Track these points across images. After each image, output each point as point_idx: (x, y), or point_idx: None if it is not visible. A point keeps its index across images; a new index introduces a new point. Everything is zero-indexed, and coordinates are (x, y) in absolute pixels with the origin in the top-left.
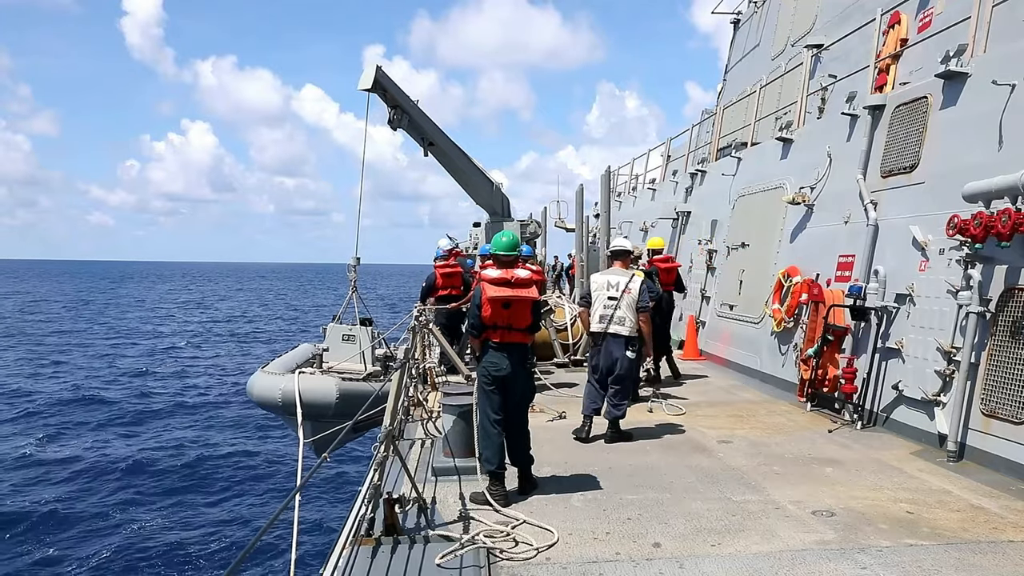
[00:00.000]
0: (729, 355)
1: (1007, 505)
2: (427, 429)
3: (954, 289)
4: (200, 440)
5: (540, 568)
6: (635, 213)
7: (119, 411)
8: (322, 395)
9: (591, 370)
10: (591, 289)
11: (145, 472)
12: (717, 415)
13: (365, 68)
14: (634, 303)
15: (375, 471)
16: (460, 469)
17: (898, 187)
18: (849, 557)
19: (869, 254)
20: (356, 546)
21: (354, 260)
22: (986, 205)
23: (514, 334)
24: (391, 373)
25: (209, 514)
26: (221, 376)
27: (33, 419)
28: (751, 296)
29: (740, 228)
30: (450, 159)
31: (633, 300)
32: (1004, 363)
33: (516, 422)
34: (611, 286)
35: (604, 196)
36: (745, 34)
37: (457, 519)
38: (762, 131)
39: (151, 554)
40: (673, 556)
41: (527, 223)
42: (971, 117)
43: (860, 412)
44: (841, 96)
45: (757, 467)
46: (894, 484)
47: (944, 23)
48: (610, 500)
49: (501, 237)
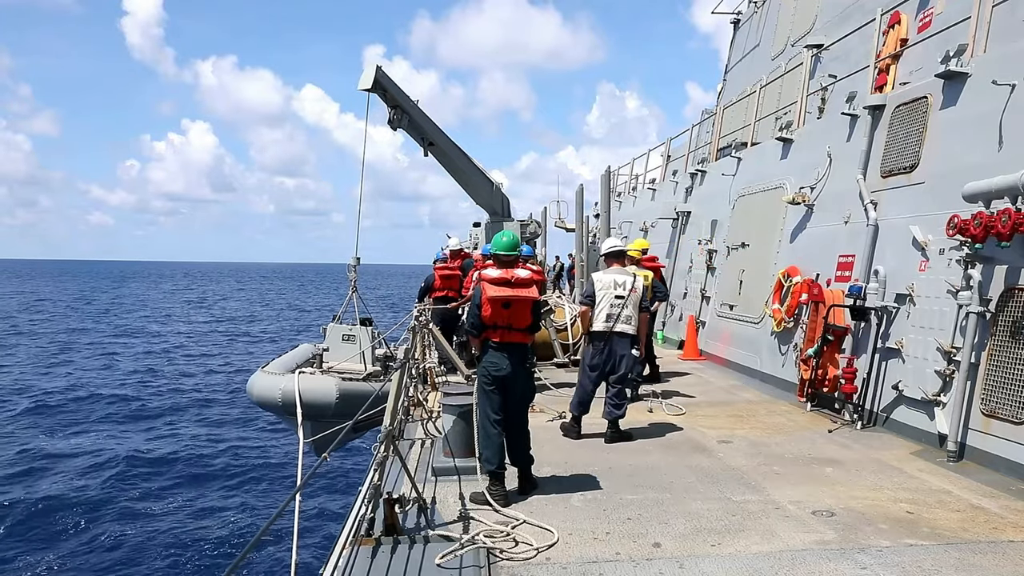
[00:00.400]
0: (729, 355)
1: (1007, 505)
2: (427, 429)
3: (954, 289)
4: (200, 440)
5: (540, 568)
6: (635, 213)
7: (118, 410)
8: (322, 395)
9: (588, 369)
10: (595, 288)
11: (144, 471)
12: (717, 415)
13: (365, 68)
14: (639, 302)
15: (375, 471)
16: (460, 469)
17: (898, 187)
18: (849, 557)
19: (869, 254)
20: (356, 546)
21: (354, 260)
22: (986, 205)
23: (514, 334)
24: (391, 373)
25: (209, 514)
26: (221, 376)
27: (33, 419)
28: (751, 296)
29: (740, 228)
30: (450, 159)
31: (638, 299)
32: (1004, 363)
33: (516, 422)
34: (618, 285)
35: (604, 196)
36: (745, 34)
37: (457, 519)
38: (762, 131)
39: (151, 554)
40: (673, 556)
41: (527, 223)
42: (971, 117)
43: (860, 412)
44: (841, 96)
45: (757, 467)
46: (894, 484)
47: (944, 23)
48: (610, 500)
49: (501, 237)
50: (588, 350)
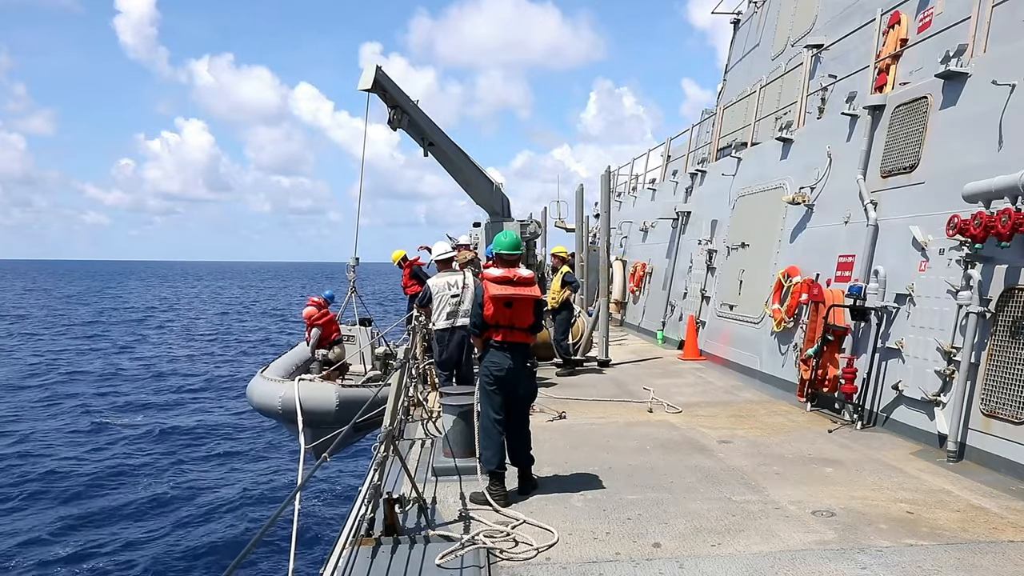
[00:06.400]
0: (729, 355)
1: (1007, 505)
2: (427, 429)
3: (954, 289)
4: (201, 439)
5: (540, 568)
6: (635, 213)
7: (117, 409)
8: (322, 402)
9: (439, 367)
10: (432, 292)
11: (144, 471)
12: (717, 415)
13: (365, 68)
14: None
15: (375, 471)
16: (460, 469)
17: (898, 187)
18: (849, 557)
19: (869, 254)
20: (356, 546)
21: (353, 260)
22: (986, 205)
23: (516, 333)
24: (391, 373)
25: (209, 514)
26: (221, 375)
27: (35, 418)
28: (751, 296)
29: (740, 228)
30: (450, 159)
31: (472, 295)
32: (1004, 363)
33: (517, 422)
34: (451, 286)
35: (604, 196)
36: (745, 34)
37: (457, 519)
38: (762, 131)
39: (150, 554)
40: (673, 556)
41: (527, 223)
42: (971, 117)
43: (860, 412)
44: (841, 96)
45: (757, 467)
46: (894, 484)
47: (944, 23)
48: (610, 500)
49: (504, 237)
50: (435, 347)
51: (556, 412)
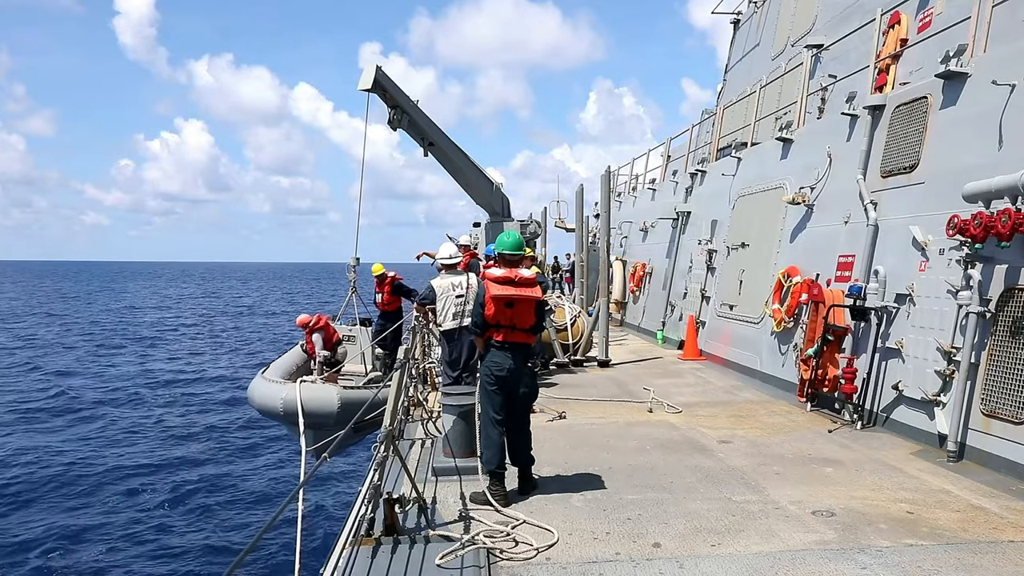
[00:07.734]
0: (729, 355)
1: (1007, 505)
2: (427, 429)
3: (954, 289)
4: (201, 439)
5: (540, 568)
6: (635, 213)
7: (116, 408)
8: (324, 404)
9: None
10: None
11: (144, 471)
12: (717, 415)
13: (365, 68)
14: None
15: (375, 471)
16: (460, 469)
17: (898, 187)
18: (849, 557)
19: (869, 254)
20: (356, 546)
21: (354, 260)
22: (986, 205)
23: (517, 334)
24: (391, 372)
25: (209, 514)
26: (221, 375)
27: (34, 418)
28: (751, 296)
29: (740, 228)
30: (450, 159)
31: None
32: (1004, 363)
33: (518, 422)
34: (455, 286)
35: (604, 196)
36: (745, 34)
37: (457, 519)
38: (762, 131)
39: (150, 554)
40: (673, 556)
41: (527, 223)
42: (971, 117)
43: (860, 412)
44: (841, 96)
45: (757, 467)
46: (894, 484)
47: (944, 23)
48: (610, 500)
49: (507, 237)
50: (443, 347)
51: (556, 412)
